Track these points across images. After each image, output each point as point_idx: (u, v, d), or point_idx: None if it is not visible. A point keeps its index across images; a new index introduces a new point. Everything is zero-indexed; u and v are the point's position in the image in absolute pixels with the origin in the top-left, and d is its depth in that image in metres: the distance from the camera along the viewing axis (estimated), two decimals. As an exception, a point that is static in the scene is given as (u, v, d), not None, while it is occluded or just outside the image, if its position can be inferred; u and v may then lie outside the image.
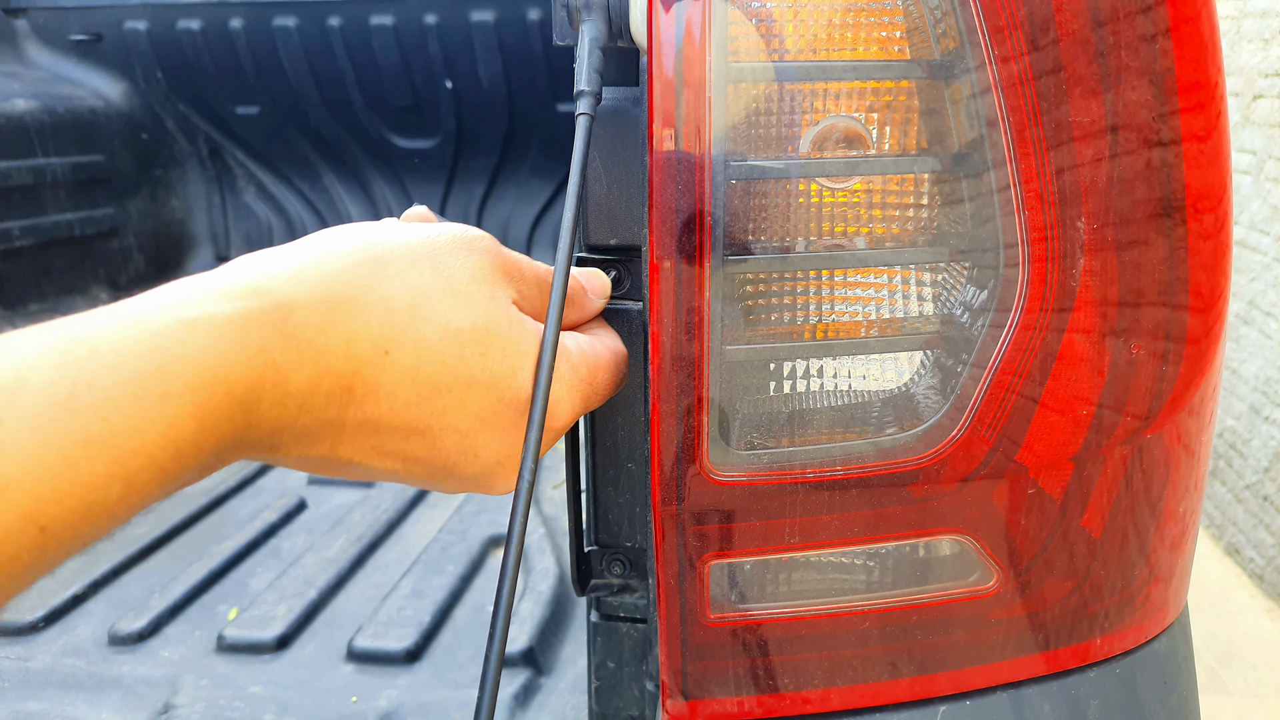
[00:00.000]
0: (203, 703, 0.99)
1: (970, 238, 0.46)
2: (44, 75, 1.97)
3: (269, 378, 0.35)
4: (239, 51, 2.00)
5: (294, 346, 0.36)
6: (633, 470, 0.60)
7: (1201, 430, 0.53)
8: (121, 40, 1.99)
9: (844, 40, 0.44)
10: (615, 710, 0.65)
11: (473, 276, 0.43)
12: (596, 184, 0.55)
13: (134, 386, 0.31)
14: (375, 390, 0.40)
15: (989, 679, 0.53)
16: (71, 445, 0.29)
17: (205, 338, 0.33)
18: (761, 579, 0.51)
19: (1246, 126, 2.48)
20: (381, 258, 0.41)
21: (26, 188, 1.77)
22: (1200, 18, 0.45)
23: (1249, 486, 2.48)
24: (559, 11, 0.51)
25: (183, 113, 2.14)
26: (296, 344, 0.36)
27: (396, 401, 0.40)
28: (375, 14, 1.92)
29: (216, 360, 0.33)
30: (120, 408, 0.30)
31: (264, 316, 0.36)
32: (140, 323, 0.32)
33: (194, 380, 0.32)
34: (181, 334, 0.33)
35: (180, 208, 2.23)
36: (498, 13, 1.88)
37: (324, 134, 2.17)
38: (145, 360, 0.31)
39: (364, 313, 0.39)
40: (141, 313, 0.33)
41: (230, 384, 0.34)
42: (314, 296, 0.38)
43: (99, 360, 0.30)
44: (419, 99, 2.06)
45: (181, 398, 0.32)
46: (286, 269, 0.38)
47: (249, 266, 0.38)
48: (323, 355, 0.37)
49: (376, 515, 1.44)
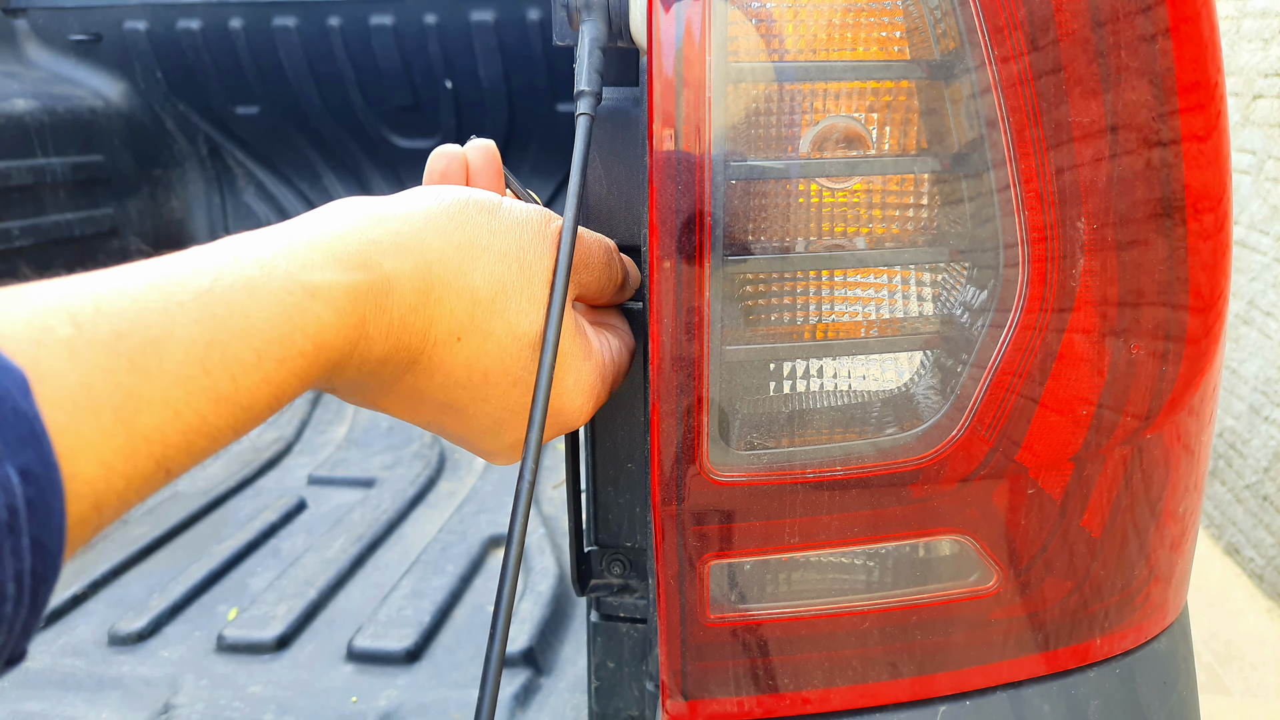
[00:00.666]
0: (203, 703, 0.99)
1: (970, 238, 0.46)
2: (44, 75, 1.97)
3: (360, 346, 0.38)
4: (239, 51, 1.99)
5: (386, 321, 0.39)
6: (633, 470, 0.60)
7: (1201, 430, 0.53)
8: (121, 40, 1.99)
9: (844, 40, 0.44)
10: (615, 710, 0.65)
11: (547, 279, 0.45)
12: (596, 184, 0.55)
13: (260, 350, 0.33)
14: (436, 368, 0.42)
15: (989, 679, 0.53)
16: (206, 402, 0.32)
17: (321, 307, 0.36)
18: (761, 579, 0.51)
19: (1246, 126, 2.48)
20: (478, 245, 0.43)
21: (26, 188, 1.77)
22: (1200, 18, 0.45)
23: (1249, 486, 2.48)
24: (559, 11, 0.51)
25: (183, 113, 2.14)
26: (389, 320, 0.39)
27: (450, 380, 0.43)
28: (375, 14, 1.92)
29: (326, 330, 0.36)
30: (247, 369, 0.33)
31: (370, 290, 0.38)
32: (270, 288, 0.34)
33: (306, 347, 0.35)
34: (303, 302, 0.35)
35: (180, 208, 2.23)
36: (498, 13, 1.88)
37: (324, 134, 2.16)
38: (271, 326, 0.34)
39: (450, 300, 0.41)
40: (270, 274, 0.35)
41: (331, 351, 0.37)
42: (414, 274, 0.40)
43: (233, 323, 0.33)
44: (419, 99, 2.06)
45: (294, 362, 0.35)
46: (395, 242, 0.40)
47: (360, 228, 0.39)
48: (406, 332, 0.40)
49: (376, 515, 1.44)
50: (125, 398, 0.29)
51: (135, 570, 1.30)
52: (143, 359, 0.30)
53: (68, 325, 0.29)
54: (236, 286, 0.33)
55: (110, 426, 0.29)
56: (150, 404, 0.30)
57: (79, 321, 0.29)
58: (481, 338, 0.43)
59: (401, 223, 0.41)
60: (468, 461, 1.70)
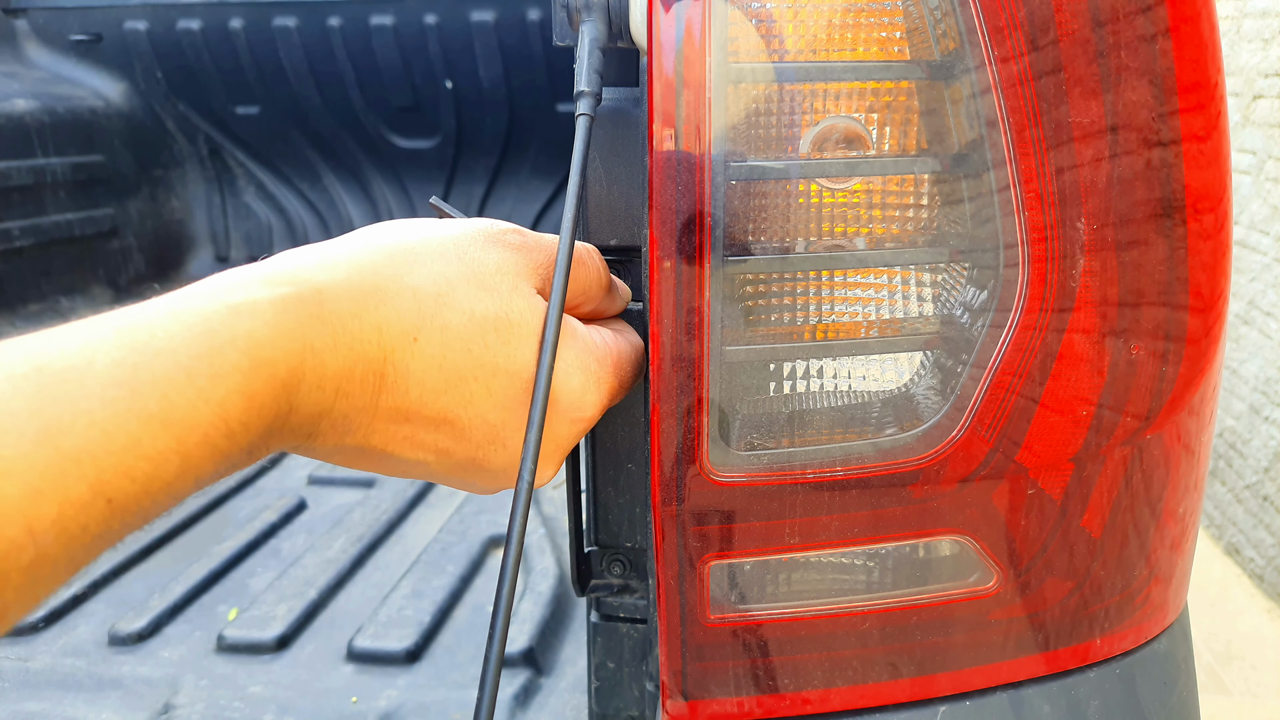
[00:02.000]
0: (203, 703, 0.99)
1: (970, 238, 0.46)
2: (44, 75, 1.97)
3: (308, 361, 0.37)
4: (239, 51, 1.99)
5: (328, 331, 0.38)
6: (633, 471, 0.60)
7: (1201, 430, 0.53)
8: (121, 40, 1.99)
9: (844, 41, 0.44)
10: (615, 710, 0.65)
11: (498, 268, 0.45)
12: (596, 184, 0.55)
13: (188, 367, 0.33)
14: (405, 377, 0.41)
15: (989, 679, 0.53)
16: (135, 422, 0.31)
17: (249, 321, 0.36)
18: (761, 579, 0.51)
19: (1246, 126, 2.48)
20: (411, 249, 0.43)
21: (26, 188, 1.77)
22: (1200, 18, 0.45)
23: (1249, 486, 2.48)
24: (559, 12, 0.51)
25: (183, 113, 2.14)
26: (331, 329, 0.38)
27: (426, 389, 0.42)
28: (375, 14, 1.92)
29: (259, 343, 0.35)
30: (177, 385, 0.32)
31: (300, 301, 0.38)
32: (192, 309, 0.35)
33: (240, 361, 0.35)
34: (227, 318, 0.35)
35: (180, 208, 2.23)
36: (498, 13, 1.88)
37: (324, 134, 2.17)
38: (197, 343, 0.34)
39: (393, 300, 0.41)
40: (193, 299, 0.35)
41: (273, 366, 0.36)
42: (346, 283, 0.40)
43: (156, 344, 0.33)
44: (419, 99, 2.06)
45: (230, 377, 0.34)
46: (321, 260, 0.40)
47: (287, 258, 0.41)
48: (356, 340, 0.39)
49: (376, 515, 1.44)
50: (49, 420, 0.29)
51: (135, 570, 1.30)
52: (64, 383, 0.30)
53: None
54: (157, 315, 0.34)
55: (33, 450, 0.29)
56: (75, 425, 0.30)
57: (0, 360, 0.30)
58: (439, 332, 0.42)
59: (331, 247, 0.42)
60: (468, 461, 1.69)
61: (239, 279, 0.38)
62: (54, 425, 0.29)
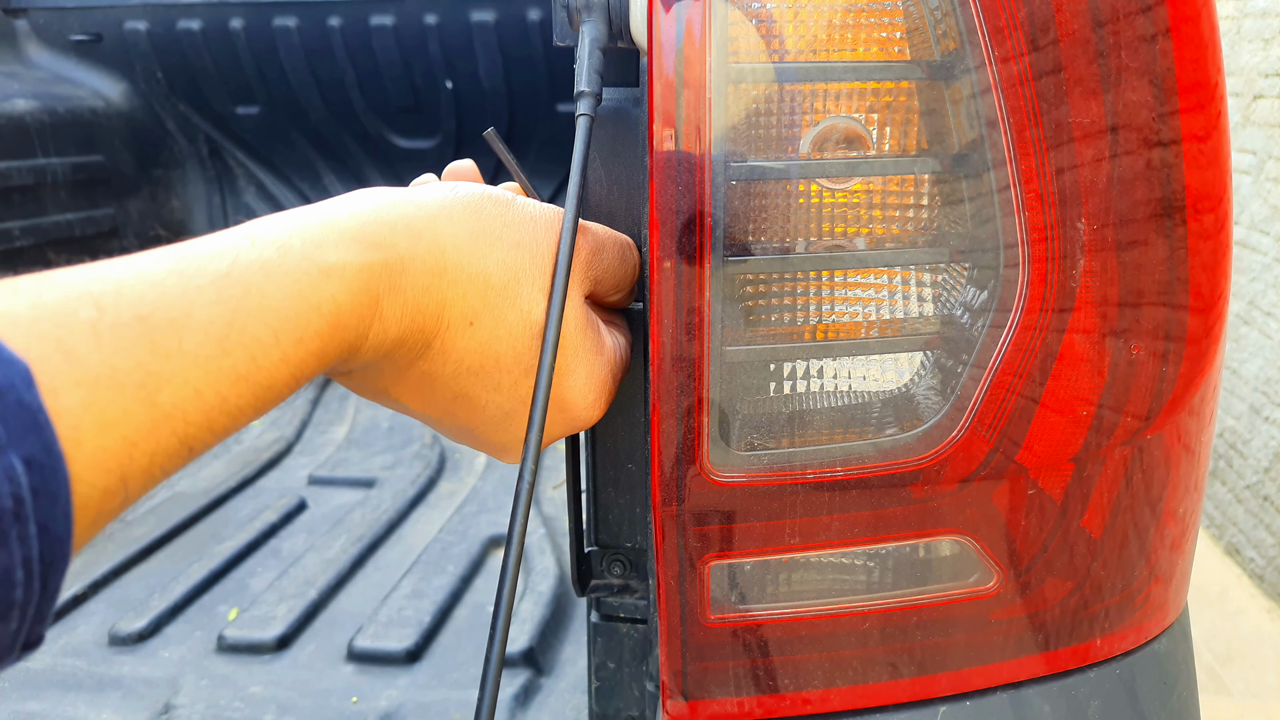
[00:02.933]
0: (203, 703, 0.99)
1: (970, 238, 0.46)
2: (44, 75, 1.97)
3: (375, 326, 0.39)
4: (239, 51, 1.99)
5: (400, 301, 0.40)
6: (633, 471, 0.60)
7: (1201, 430, 0.53)
8: (121, 40, 1.99)
9: (844, 41, 0.44)
10: (615, 711, 0.65)
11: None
12: (596, 184, 0.55)
13: (276, 329, 0.34)
14: (449, 353, 0.43)
15: (989, 679, 0.53)
16: (225, 381, 0.33)
17: (335, 285, 0.37)
18: (762, 580, 0.51)
19: (1246, 126, 2.48)
20: (491, 233, 0.44)
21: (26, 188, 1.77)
22: (1200, 18, 0.45)
23: (1249, 486, 2.48)
24: (559, 12, 0.51)
25: (183, 113, 2.14)
26: (403, 300, 0.40)
27: (462, 367, 0.44)
28: (375, 14, 1.92)
29: (340, 309, 0.37)
30: (265, 349, 0.34)
31: (385, 270, 0.39)
32: (284, 268, 0.35)
33: (322, 326, 0.36)
34: (318, 281, 0.36)
35: (180, 208, 2.23)
36: (498, 13, 1.88)
37: (324, 134, 2.16)
38: (288, 304, 0.35)
39: (463, 284, 0.42)
40: (285, 252, 0.36)
41: (347, 330, 0.37)
42: (428, 258, 0.41)
43: (250, 303, 0.34)
44: (419, 99, 2.06)
45: (312, 341, 0.36)
46: (410, 225, 0.41)
47: (376, 211, 0.41)
48: (420, 314, 0.41)
49: (376, 515, 1.44)
50: (147, 376, 0.30)
51: (136, 570, 1.30)
52: (163, 339, 0.31)
53: (91, 309, 0.30)
54: (253, 269, 0.34)
55: (133, 405, 0.30)
56: (171, 383, 0.31)
57: (102, 305, 0.30)
58: (494, 323, 0.43)
59: (417, 209, 0.42)
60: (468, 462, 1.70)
61: (330, 234, 0.38)
62: (151, 381, 0.30)
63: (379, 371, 0.44)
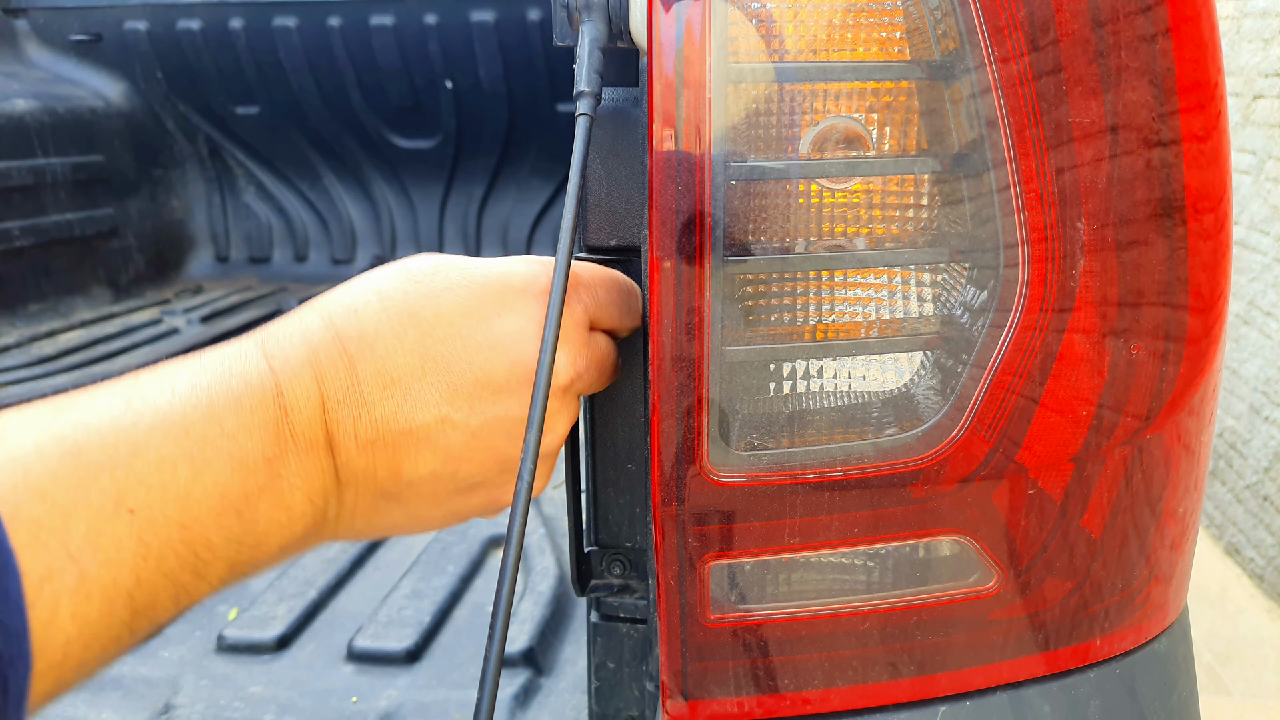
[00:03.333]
0: (203, 703, 0.99)
1: (970, 238, 0.46)
2: (44, 75, 1.97)
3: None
4: (239, 51, 1.99)
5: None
6: (633, 471, 0.60)
7: (1201, 430, 0.53)
8: (121, 40, 1.99)
9: (844, 41, 0.44)
10: (615, 711, 0.65)
11: (570, 362, 0.48)
12: (596, 184, 0.55)
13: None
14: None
15: (989, 679, 0.53)
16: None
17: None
18: (761, 579, 0.51)
19: (1246, 126, 2.48)
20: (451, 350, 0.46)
21: (26, 188, 1.77)
22: (1200, 18, 0.45)
23: (1249, 486, 2.48)
24: (559, 12, 0.51)
25: (183, 113, 2.14)
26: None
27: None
28: (375, 14, 1.92)
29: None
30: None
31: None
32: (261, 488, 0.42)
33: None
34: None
35: (180, 208, 2.23)
36: (498, 13, 1.88)
37: (324, 134, 2.16)
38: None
39: (432, 438, 0.45)
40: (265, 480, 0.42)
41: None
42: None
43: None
44: (419, 99, 2.06)
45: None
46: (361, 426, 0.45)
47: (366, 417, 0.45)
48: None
49: (376, 515, 1.44)
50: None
51: (135, 570, 1.30)
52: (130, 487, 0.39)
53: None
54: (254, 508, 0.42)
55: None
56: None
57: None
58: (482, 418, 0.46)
59: (393, 348, 0.45)
60: (468, 461, 1.69)
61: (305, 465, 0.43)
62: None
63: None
